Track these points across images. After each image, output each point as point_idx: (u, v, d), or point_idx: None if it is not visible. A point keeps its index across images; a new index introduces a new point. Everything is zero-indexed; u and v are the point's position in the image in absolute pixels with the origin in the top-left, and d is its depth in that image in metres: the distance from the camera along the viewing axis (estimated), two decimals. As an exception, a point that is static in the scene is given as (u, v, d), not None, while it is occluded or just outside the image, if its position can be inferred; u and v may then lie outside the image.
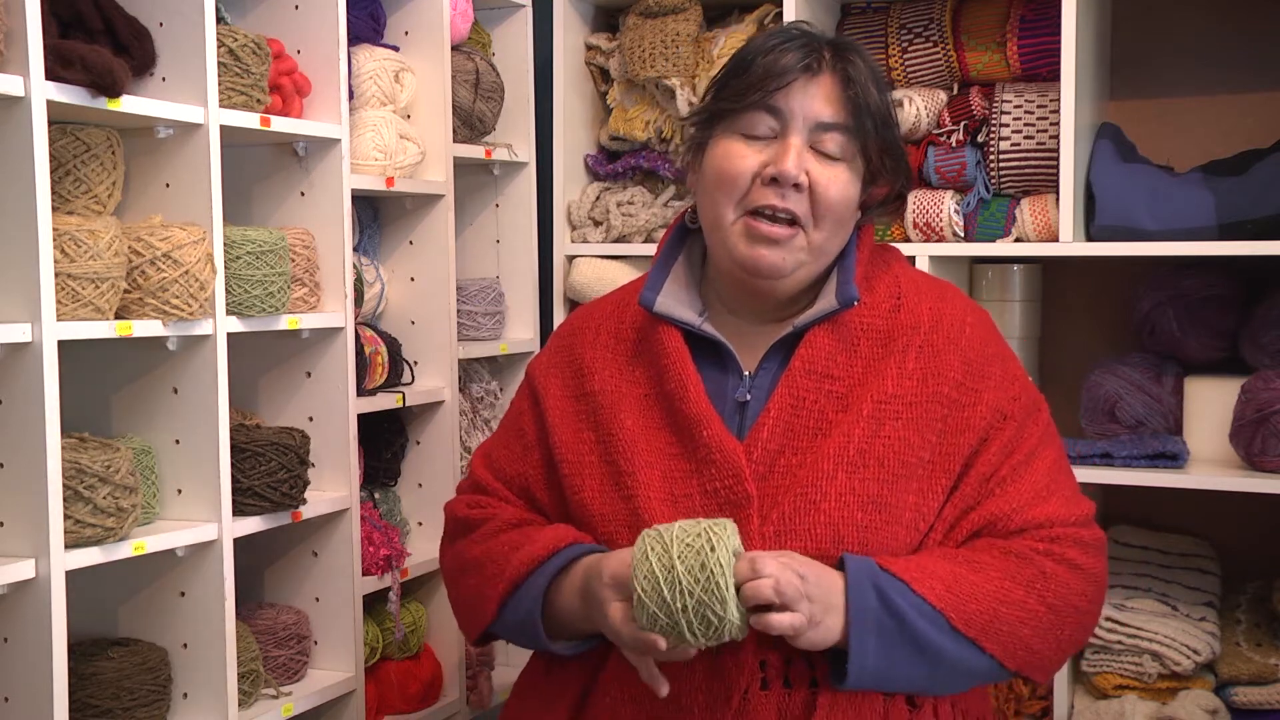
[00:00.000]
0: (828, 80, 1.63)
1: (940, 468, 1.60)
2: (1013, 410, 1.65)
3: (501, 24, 3.07)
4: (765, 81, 1.62)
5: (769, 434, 1.60)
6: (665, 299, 1.69)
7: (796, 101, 1.62)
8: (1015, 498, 1.61)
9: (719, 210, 1.65)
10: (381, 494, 2.77)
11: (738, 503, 1.57)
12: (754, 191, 1.62)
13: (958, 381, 1.63)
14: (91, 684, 2.10)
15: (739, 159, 1.63)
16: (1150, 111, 2.80)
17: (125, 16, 2.16)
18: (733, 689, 1.54)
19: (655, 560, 1.47)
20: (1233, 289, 2.61)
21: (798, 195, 1.60)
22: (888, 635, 1.52)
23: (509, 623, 1.68)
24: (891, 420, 1.60)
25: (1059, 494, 1.64)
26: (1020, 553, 1.59)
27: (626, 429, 1.65)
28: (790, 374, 1.63)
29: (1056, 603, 1.59)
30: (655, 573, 1.46)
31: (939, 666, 1.54)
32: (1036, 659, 1.60)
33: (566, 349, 1.78)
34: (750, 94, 1.63)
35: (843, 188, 1.63)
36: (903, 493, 1.58)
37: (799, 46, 1.64)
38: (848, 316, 1.65)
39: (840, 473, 1.57)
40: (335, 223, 2.48)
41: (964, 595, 1.54)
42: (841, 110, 1.62)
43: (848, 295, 1.64)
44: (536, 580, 1.64)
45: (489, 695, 2.91)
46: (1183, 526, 2.77)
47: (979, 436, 1.62)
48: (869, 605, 1.51)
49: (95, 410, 2.27)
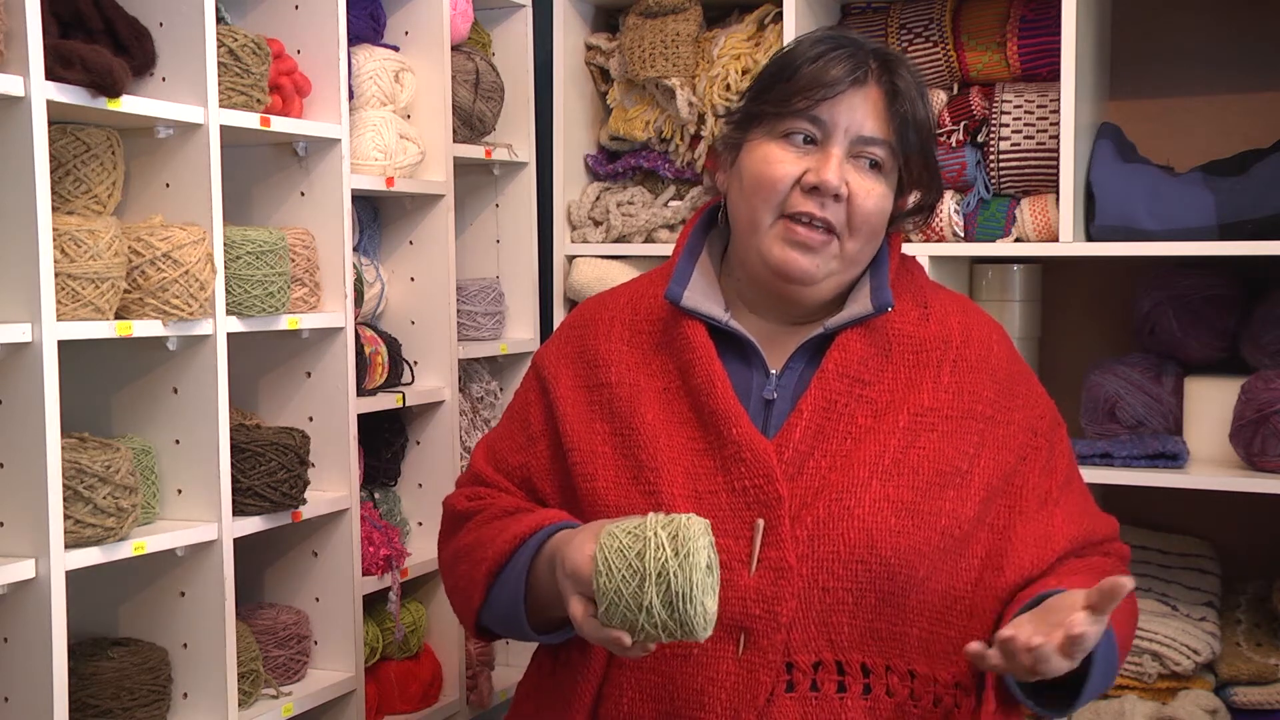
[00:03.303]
0: (874, 93, 1.62)
1: (978, 479, 1.61)
2: (1041, 428, 1.68)
3: (501, 24, 3.07)
4: (812, 91, 1.60)
5: (801, 435, 1.59)
6: (692, 293, 1.68)
7: (842, 113, 1.61)
8: (1078, 519, 1.65)
9: (756, 214, 1.63)
10: (381, 494, 2.77)
11: (768, 503, 1.55)
12: (792, 198, 1.61)
13: (991, 400, 1.65)
14: (91, 684, 2.10)
15: (779, 164, 1.61)
16: (1150, 111, 2.80)
17: (125, 16, 2.16)
18: (758, 691, 1.53)
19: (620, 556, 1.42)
20: (1233, 289, 2.61)
21: (835, 205, 1.60)
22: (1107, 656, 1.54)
23: (496, 607, 1.65)
24: (927, 433, 1.60)
25: (1094, 509, 1.70)
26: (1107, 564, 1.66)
27: (647, 422, 1.63)
28: (823, 375, 1.62)
29: (1130, 604, 1.65)
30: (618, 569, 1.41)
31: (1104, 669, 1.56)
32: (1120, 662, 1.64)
33: (578, 339, 1.76)
34: (795, 101, 1.61)
35: (879, 200, 1.62)
36: (937, 499, 1.58)
37: (847, 57, 1.62)
38: (880, 322, 1.65)
39: (875, 481, 1.56)
40: (335, 223, 2.48)
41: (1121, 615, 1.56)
42: (885, 124, 1.62)
43: (883, 300, 1.64)
44: (518, 560, 1.60)
45: (489, 695, 2.91)
46: (1183, 526, 2.77)
47: (1016, 456, 1.64)
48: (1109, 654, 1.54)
49: (95, 410, 2.27)
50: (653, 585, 1.39)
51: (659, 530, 1.42)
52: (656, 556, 1.40)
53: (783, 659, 1.53)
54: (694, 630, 1.42)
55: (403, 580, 2.66)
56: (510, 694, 2.95)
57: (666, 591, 1.40)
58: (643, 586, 1.40)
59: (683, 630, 1.41)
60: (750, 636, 1.53)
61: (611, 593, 1.41)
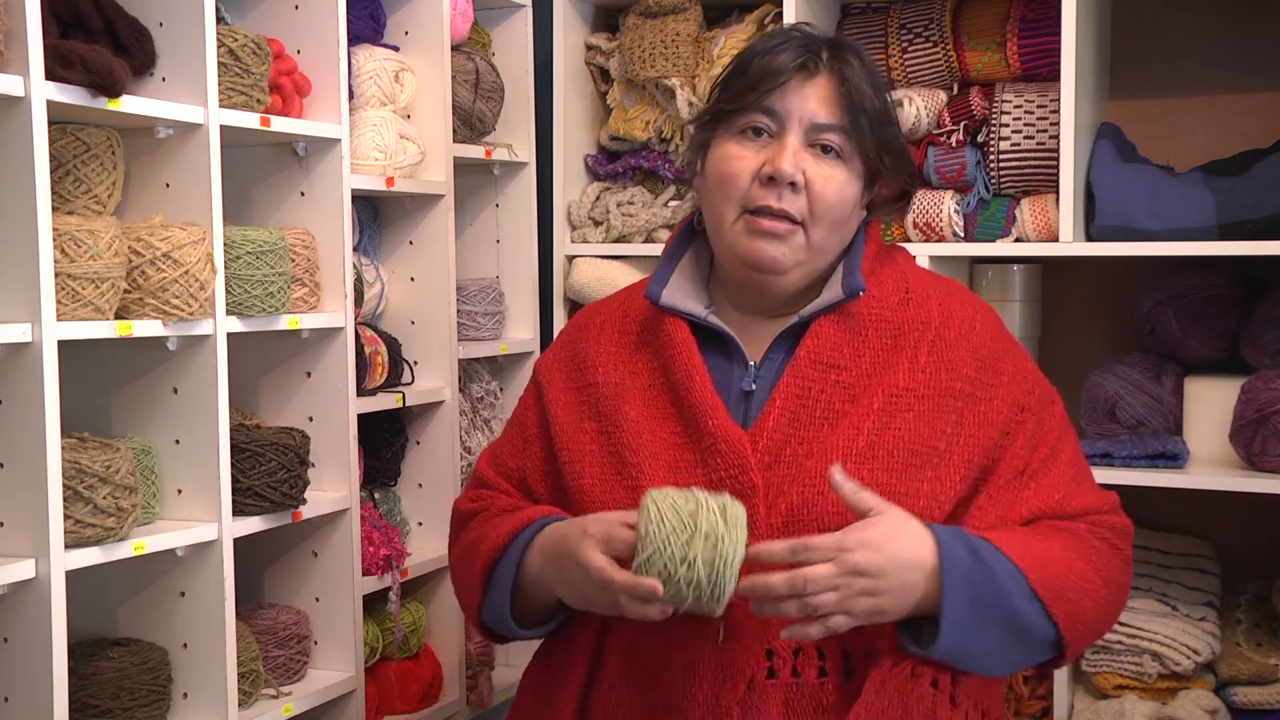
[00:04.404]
0: (824, 80, 1.64)
1: (957, 457, 1.60)
2: (1029, 403, 1.66)
3: (501, 24, 3.08)
4: (761, 82, 1.63)
5: (774, 423, 1.60)
6: (671, 291, 1.71)
7: (792, 102, 1.63)
8: (1052, 491, 1.63)
9: (720, 211, 1.66)
10: (381, 494, 2.77)
11: (743, 493, 1.56)
12: (752, 191, 1.63)
13: (971, 377, 1.64)
14: (91, 684, 2.10)
15: (736, 160, 1.64)
16: (1150, 111, 2.80)
17: (125, 16, 2.16)
18: (739, 677, 1.54)
19: (673, 511, 1.46)
20: (1233, 289, 2.61)
21: (794, 195, 1.61)
22: (978, 594, 1.50)
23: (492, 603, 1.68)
24: (903, 413, 1.60)
25: (1085, 484, 1.68)
26: (1074, 531, 1.62)
27: (630, 419, 1.66)
28: (796, 363, 1.63)
29: (1109, 578, 1.62)
30: (670, 520, 1.46)
31: (1012, 634, 1.54)
32: (1085, 632, 1.61)
33: (571, 344, 1.80)
34: (747, 95, 1.64)
35: (839, 187, 1.63)
36: (914, 481, 1.58)
37: (796, 46, 1.65)
38: (855, 307, 1.66)
39: (849, 464, 1.56)
40: (335, 223, 2.48)
41: (1039, 559, 1.55)
42: (837, 110, 1.63)
43: (853, 285, 1.64)
44: (511, 553, 1.65)
45: (489, 695, 2.91)
46: (1183, 526, 2.77)
47: (999, 431, 1.63)
48: (961, 565, 1.50)
49: (95, 410, 2.27)
50: (701, 540, 1.45)
51: (709, 500, 1.49)
52: (709, 519, 1.47)
53: (763, 646, 1.55)
54: (722, 595, 1.47)
55: (403, 580, 2.66)
56: (510, 694, 2.96)
57: (712, 551, 1.45)
58: (691, 541, 1.46)
59: (712, 594, 1.46)
60: (729, 625, 1.55)
61: (660, 541, 1.46)
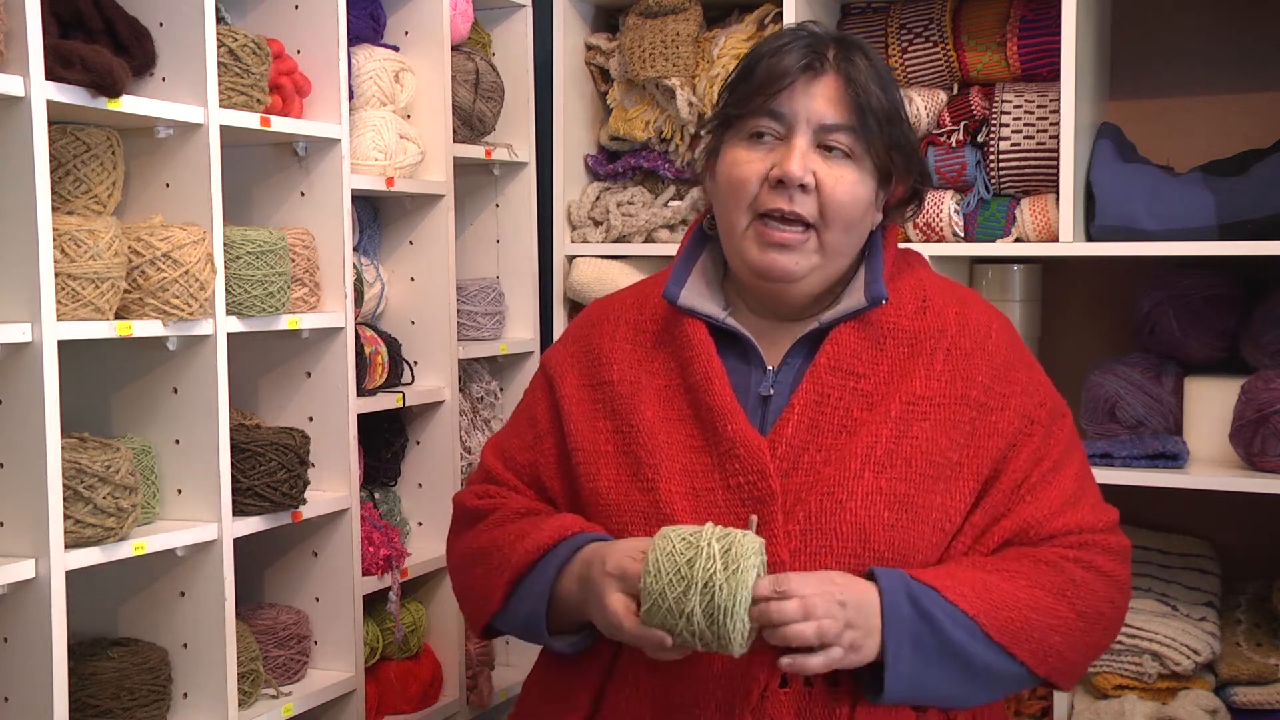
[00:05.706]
0: (831, 80, 1.62)
1: (968, 470, 1.59)
2: (1039, 416, 1.65)
3: (501, 24, 3.08)
4: (767, 84, 1.61)
5: (794, 430, 1.59)
6: (689, 293, 1.68)
7: (799, 103, 1.60)
8: (1046, 504, 1.61)
9: (731, 217, 1.64)
10: (381, 494, 2.77)
11: (761, 499, 1.55)
12: (762, 195, 1.61)
13: (985, 386, 1.63)
14: (91, 684, 2.10)
15: (745, 164, 1.62)
16: (1150, 111, 2.80)
17: (125, 16, 2.16)
18: (751, 686, 1.53)
19: (670, 561, 1.44)
20: (1233, 289, 2.61)
21: (805, 197, 1.59)
22: (923, 644, 1.50)
23: (514, 614, 1.66)
24: (919, 421, 1.59)
25: (1086, 501, 1.65)
26: (1050, 560, 1.59)
27: (646, 419, 1.64)
28: (815, 370, 1.62)
29: (1086, 610, 1.59)
30: (667, 572, 1.44)
31: (971, 675, 1.53)
32: (1065, 665, 1.60)
33: (584, 339, 1.76)
34: (754, 98, 1.62)
35: (850, 188, 1.61)
36: (929, 493, 1.57)
37: (801, 47, 1.62)
38: (875, 315, 1.64)
39: (868, 472, 1.56)
40: (335, 223, 2.48)
41: (996, 603, 1.53)
42: (844, 110, 1.61)
43: (876, 293, 1.63)
44: (543, 570, 1.62)
45: (489, 695, 2.91)
46: (1183, 526, 2.77)
47: (1007, 442, 1.62)
48: (904, 615, 1.50)
49: (95, 410, 2.27)
50: (697, 594, 1.43)
51: (713, 542, 1.45)
52: (706, 567, 1.43)
53: (776, 654, 1.53)
54: (730, 644, 1.44)
55: (403, 580, 2.66)
56: (510, 694, 2.96)
57: (710, 603, 1.43)
58: (687, 593, 1.43)
59: (719, 643, 1.44)
60: None
61: (656, 594, 1.44)
